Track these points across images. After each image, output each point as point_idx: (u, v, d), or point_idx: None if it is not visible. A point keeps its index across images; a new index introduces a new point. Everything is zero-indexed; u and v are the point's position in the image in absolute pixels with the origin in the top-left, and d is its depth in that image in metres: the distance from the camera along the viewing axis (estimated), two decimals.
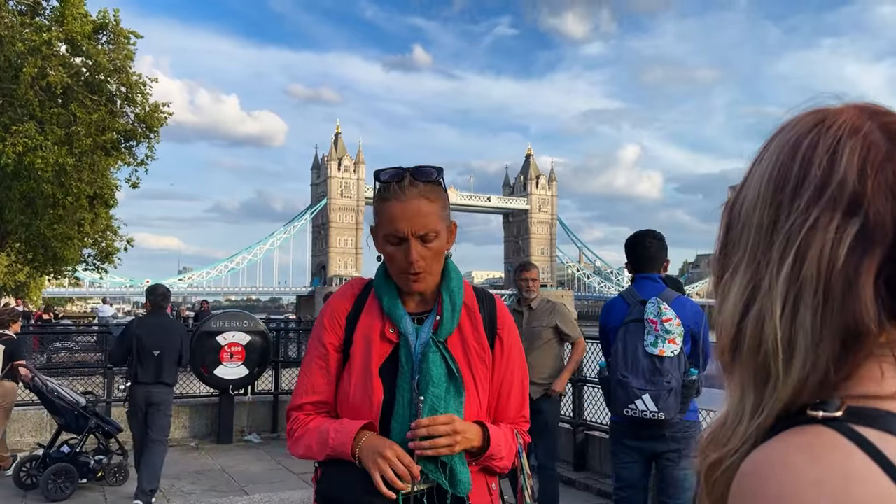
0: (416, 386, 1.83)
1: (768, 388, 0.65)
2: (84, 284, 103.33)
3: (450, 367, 1.86)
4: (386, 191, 1.88)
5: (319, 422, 1.89)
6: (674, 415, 3.95)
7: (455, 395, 1.85)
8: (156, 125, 21.66)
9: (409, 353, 1.86)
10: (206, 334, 9.72)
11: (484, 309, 1.99)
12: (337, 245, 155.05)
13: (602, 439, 7.95)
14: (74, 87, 20.00)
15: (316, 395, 1.93)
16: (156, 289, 7.12)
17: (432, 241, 1.85)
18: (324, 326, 1.96)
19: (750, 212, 0.70)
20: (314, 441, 1.85)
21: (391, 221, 1.84)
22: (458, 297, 1.94)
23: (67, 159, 19.18)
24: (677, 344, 3.99)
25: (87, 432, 7.12)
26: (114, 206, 24.82)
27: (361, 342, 1.90)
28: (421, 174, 1.87)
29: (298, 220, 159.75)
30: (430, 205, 1.85)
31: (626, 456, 4.28)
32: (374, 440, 1.77)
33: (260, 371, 10.14)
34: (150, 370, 6.65)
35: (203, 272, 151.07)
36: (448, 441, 1.76)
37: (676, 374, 3.95)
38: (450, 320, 1.91)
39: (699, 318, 4.21)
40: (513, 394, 1.99)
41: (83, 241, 25.48)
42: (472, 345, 1.92)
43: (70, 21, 19.47)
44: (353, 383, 1.87)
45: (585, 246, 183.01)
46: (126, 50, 21.03)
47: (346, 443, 1.78)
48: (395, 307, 1.90)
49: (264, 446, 9.53)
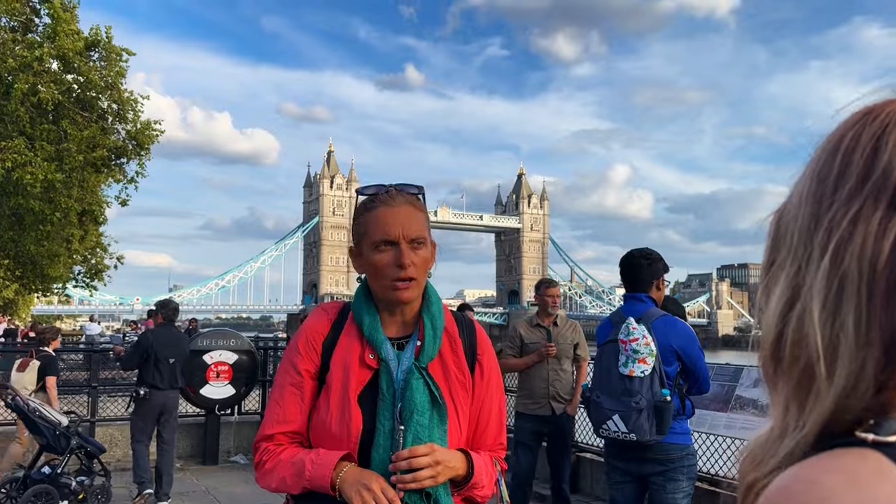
0: (398, 414, 1.77)
1: (810, 398, 0.59)
2: (73, 302, 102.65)
3: (433, 394, 1.81)
4: (372, 201, 1.86)
5: (292, 452, 1.81)
6: (647, 437, 3.90)
7: (438, 423, 1.80)
8: (147, 142, 21.57)
9: (390, 380, 1.80)
10: (193, 353, 9.57)
11: (464, 333, 1.95)
12: (328, 263, 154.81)
13: (594, 461, 7.86)
14: (65, 104, 19.92)
15: (288, 425, 1.84)
16: (168, 303, 7.93)
17: (421, 248, 1.82)
18: (298, 352, 1.87)
19: (794, 211, 0.65)
20: (288, 473, 1.77)
21: (381, 226, 1.81)
22: (438, 321, 1.89)
23: (57, 175, 19.05)
24: (648, 364, 3.95)
25: (69, 453, 6.97)
26: (103, 223, 24.69)
27: (339, 369, 1.82)
28: (404, 188, 1.88)
29: (290, 238, 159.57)
30: (417, 212, 1.85)
31: (617, 476, 4.28)
32: (357, 472, 1.71)
33: (247, 391, 10.02)
34: (166, 377, 7.43)
35: (193, 290, 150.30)
36: (431, 472, 1.70)
37: (647, 394, 3.91)
38: (431, 345, 1.86)
39: (688, 339, 4.17)
40: (491, 420, 1.95)
41: (72, 259, 25.29)
42: (452, 370, 1.87)
43: (62, 38, 19.44)
44: (330, 412, 1.79)
45: (577, 265, 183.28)
46: (118, 67, 20.99)
47: (324, 475, 1.70)
48: (375, 331, 1.84)
49: (251, 468, 9.35)
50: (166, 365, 7.42)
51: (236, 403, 10.06)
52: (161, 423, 7.52)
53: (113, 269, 27.60)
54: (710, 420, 6.32)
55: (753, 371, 6.36)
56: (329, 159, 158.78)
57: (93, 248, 26.53)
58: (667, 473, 4.06)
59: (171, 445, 7.59)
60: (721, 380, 6.47)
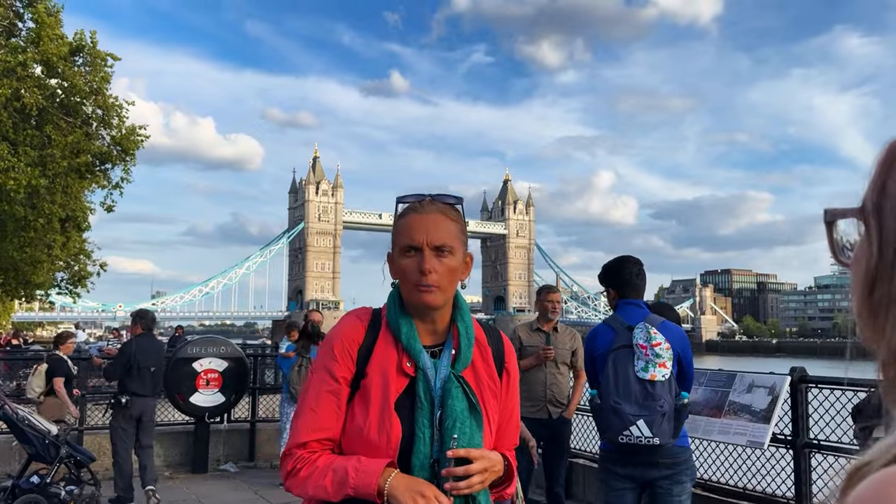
0: (437, 422, 1.80)
1: None
2: (55, 309, 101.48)
3: (471, 402, 1.84)
4: (407, 209, 1.90)
5: (329, 460, 1.80)
6: (668, 439, 3.93)
7: (477, 430, 1.83)
8: (132, 148, 21.39)
9: (428, 388, 1.82)
10: (182, 360, 9.52)
11: (492, 342, 1.99)
12: (314, 269, 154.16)
13: (586, 467, 7.87)
14: (49, 109, 19.73)
15: (323, 432, 1.83)
16: (146, 313, 8.20)
17: (447, 256, 1.83)
18: (334, 358, 1.86)
19: None
20: (328, 481, 1.75)
21: (407, 232, 1.85)
22: (472, 330, 1.93)
23: (40, 181, 18.86)
24: (668, 368, 3.98)
25: (58, 462, 6.88)
26: (87, 229, 24.44)
27: (377, 376, 1.83)
28: (441, 197, 1.91)
29: (275, 244, 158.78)
30: (448, 221, 1.87)
31: (617, 483, 4.23)
32: (407, 479, 1.72)
33: (237, 398, 9.95)
34: (147, 384, 7.72)
35: (177, 296, 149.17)
36: (481, 478, 1.75)
37: (668, 398, 3.93)
38: (466, 353, 1.89)
39: (684, 342, 4.21)
40: (511, 424, 2.02)
41: (54, 265, 25.01)
42: (484, 378, 1.92)
43: (46, 42, 19.26)
44: (369, 419, 1.79)
45: (563, 271, 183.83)
46: (103, 72, 20.82)
47: (370, 483, 1.70)
48: (413, 340, 1.85)
49: (241, 476, 9.31)
50: (147, 373, 7.72)
51: (226, 411, 9.99)
52: (140, 428, 7.79)
53: (95, 276, 27.38)
54: (704, 425, 6.34)
55: (747, 377, 6.39)
56: (315, 165, 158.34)
57: (76, 254, 26.25)
58: (673, 477, 4.09)
59: (150, 449, 7.96)
60: (714, 385, 6.50)
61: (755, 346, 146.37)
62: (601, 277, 4.47)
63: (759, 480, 6.26)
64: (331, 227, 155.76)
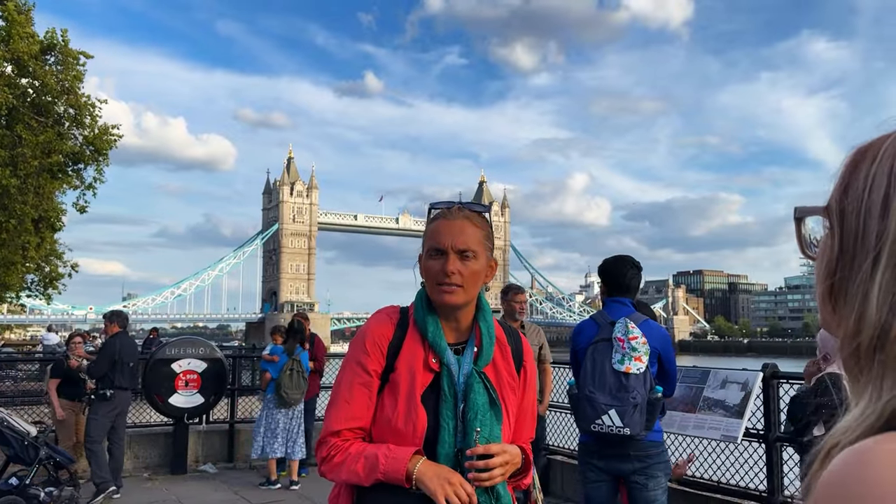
0: (460, 414, 1.93)
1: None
2: (25, 311, 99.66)
3: (491, 396, 1.98)
4: (436, 215, 2.03)
5: (360, 447, 1.93)
6: (639, 431, 4.05)
7: (496, 423, 1.97)
8: (104, 148, 21.16)
9: (451, 382, 1.96)
10: (161, 361, 9.48)
11: (511, 340, 2.14)
12: (289, 270, 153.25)
13: (564, 463, 7.99)
14: (20, 108, 19.45)
15: (356, 421, 1.97)
16: (121, 313, 8.79)
17: (470, 259, 1.97)
18: (366, 352, 2.00)
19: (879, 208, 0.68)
20: (360, 466, 1.88)
21: (435, 236, 1.98)
22: (493, 329, 2.07)
23: (11, 181, 18.60)
24: (643, 362, 4.11)
25: (37, 463, 6.85)
26: (60, 229, 24.11)
27: (406, 370, 1.96)
28: (469, 205, 2.05)
29: (248, 246, 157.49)
30: (473, 227, 2.00)
31: (593, 475, 4.36)
32: (434, 466, 1.86)
33: (216, 399, 9.92)
34: (127, 378, 8.21)
35: (148, 298, 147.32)
36: (502, 470, 1.88)
37: (642, 390, 4.06)
38: (488, 351, 2.02)
39: (665, 341, 4.35)
40: (528, 418, 2.16)
41: (26, 267, 24.62)
42: (504, 374, 2.05)
43: (16, 41, 19.01)
44: (397, 410, 1.92)
45: (538, 272, 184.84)
46: (75, 71, 20.57)
47: (399, 469, 1.83)
48: (439, 337, 1.99)
49: (220, 476, 9.29)
50: (127, 368, 8.20)
51: (205, 412, 9.96)
52: (117, 421, 8.22)
53: (67, 278, 27.00)
54: (680, 421, 6.48)
55: (721, 373, 6.56)
56: (289, 165, 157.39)
57: (47, 255, 25.86)
58: (646, 471, 4.19)
59: (123, 441, 8.48)
60: (689, 382, 6.65)
61: (727, 346, 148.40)
62: (598, 270, 4.63)
63: (732, 474, 6.43)
64: (305, 229, 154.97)
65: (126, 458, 8.88)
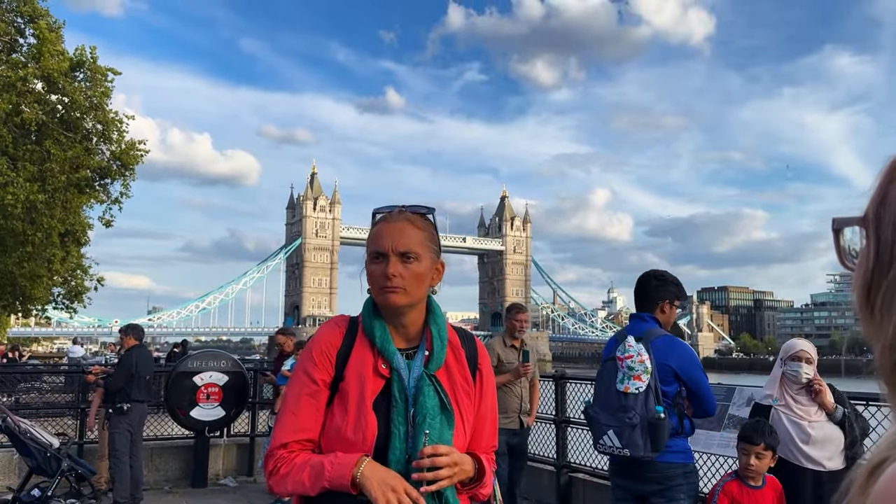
0: (411, 419, 1.89)
1: None
2: (52, 324, 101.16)
3: (442, 400, 1.94)
4: (378, 219, 2.02)
5: (306, 457, 1.89)
6: (641, 452, 3.93)
7: (447, 427, 1.92)
8: (131, 163, 21.47)
9: (402, 387, 1.92)
10: (183, 374, 9.52)
11: (466, 344, 2.09)
12: (311, 285, 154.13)
13: (586, 481, 7.88)
14: (49, 124, 19.82)
15: (303, 433, 1.93)
16: (136, 326, 8.82)
17: (412, 262, 1.93)
18: (314, 362, 1.96)
19: None
20: (306, 476, 1.84)
21: (376, 239, 1.97)
22: (444, 332, 2.03)
23: (39, 196, 18.90)
24: (643, 381, 4.01)
25: (59, 475, 6.88)
26: (86, 244, 24.46)
27: (355, 378, 1.93)
28: (412, 207, 2.02)
29: (272, 260, 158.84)
30: (414, 229, 1.97)
31: (618, 493, 4.34)
32: (379, 469, 1.80)
33: (237, 412, 9.93)
34: (144, 391, 8.29)
35: (173, 312, 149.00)
36: (449, 472, 1.82)
37: (640, 410, 3.95)
38: (439, 354, 1.99)
39: (688, 360, 4.19)
40: (487, 424, 2.09)
41: (52, 280, 24.99)
42: (457, 378, 2.01)
43: (47, 58, 19.37)
44: (347, 418, 1.89)
45: (559, 287, 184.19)
46: (103, 87, 20.91)
47: (344, 474, 1.78)
48: (387, 342, 1.96)
49: (240, 490, 9.28)
50: (144, 381, 8.27)
51: (226, 425, 9.97)
52: (135, 432, 8.27)
53: (92, 291, 27.34)
54: (705, 439, 6.37)
55: (745, 391, 6.44)
56: (312, 181, 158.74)
57: (73, 269, 26.23)
58: (666, 493, 4.07)
59: (141, 453, 8.46)
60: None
61: (752, 364, 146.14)
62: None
63: None
64: (328, 243, 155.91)
65: (147, 470, 8.91)
